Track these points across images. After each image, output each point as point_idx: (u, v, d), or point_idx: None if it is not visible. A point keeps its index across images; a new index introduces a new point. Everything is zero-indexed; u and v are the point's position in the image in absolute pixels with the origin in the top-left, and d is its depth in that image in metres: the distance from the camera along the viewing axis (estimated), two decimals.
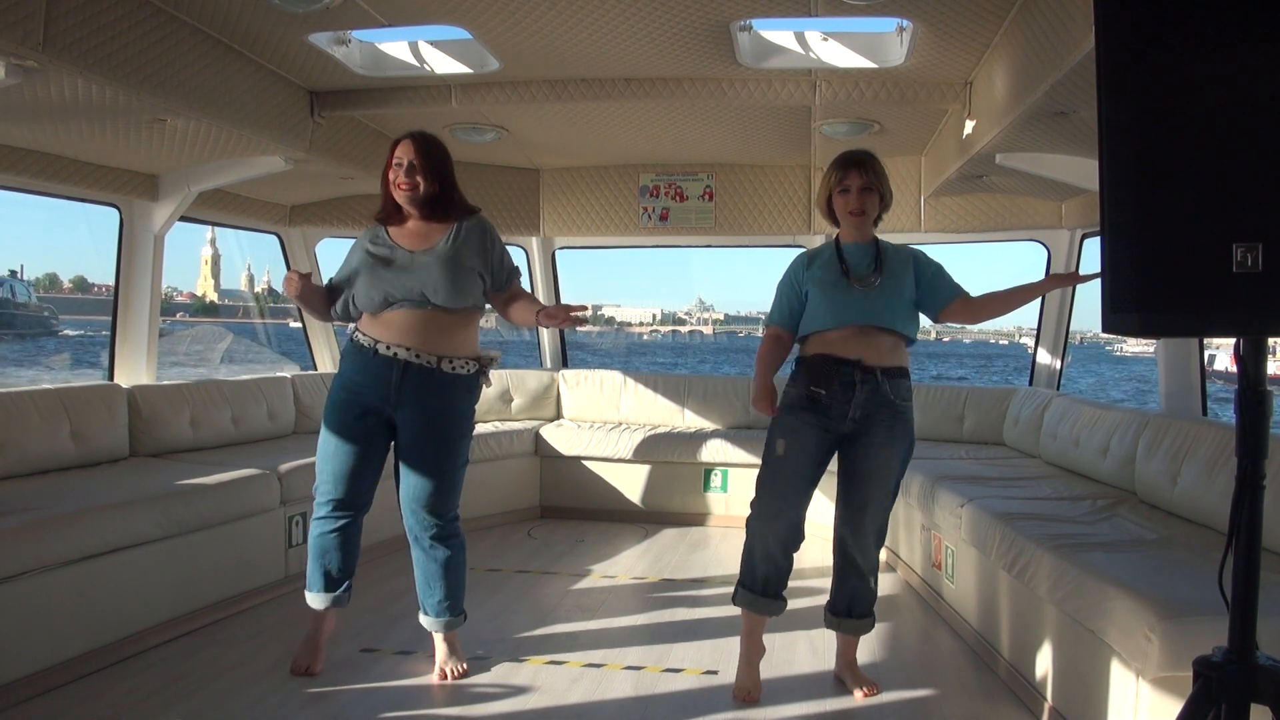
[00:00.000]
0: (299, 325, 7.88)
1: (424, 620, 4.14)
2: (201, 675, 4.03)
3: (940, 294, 3.87)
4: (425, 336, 3.86)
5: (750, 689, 3.91)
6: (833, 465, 3.97)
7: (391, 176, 3.95)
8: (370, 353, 3.89)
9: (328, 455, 3.99)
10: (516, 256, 7.75)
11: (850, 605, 4.02)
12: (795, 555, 3.87)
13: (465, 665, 4.14)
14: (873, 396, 3.75)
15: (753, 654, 3.98)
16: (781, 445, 3.84)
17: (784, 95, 5.12)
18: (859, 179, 3.85)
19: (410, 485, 3.98)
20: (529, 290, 4.21)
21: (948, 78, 4.92)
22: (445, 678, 4.06)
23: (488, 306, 4.09)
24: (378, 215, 4.07)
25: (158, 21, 4.04)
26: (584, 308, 3.81)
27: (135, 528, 4.25)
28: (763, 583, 3.88)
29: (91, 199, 5.72)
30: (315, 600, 4.10)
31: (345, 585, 4.12)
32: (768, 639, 4.51)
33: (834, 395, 3.76)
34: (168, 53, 4.12)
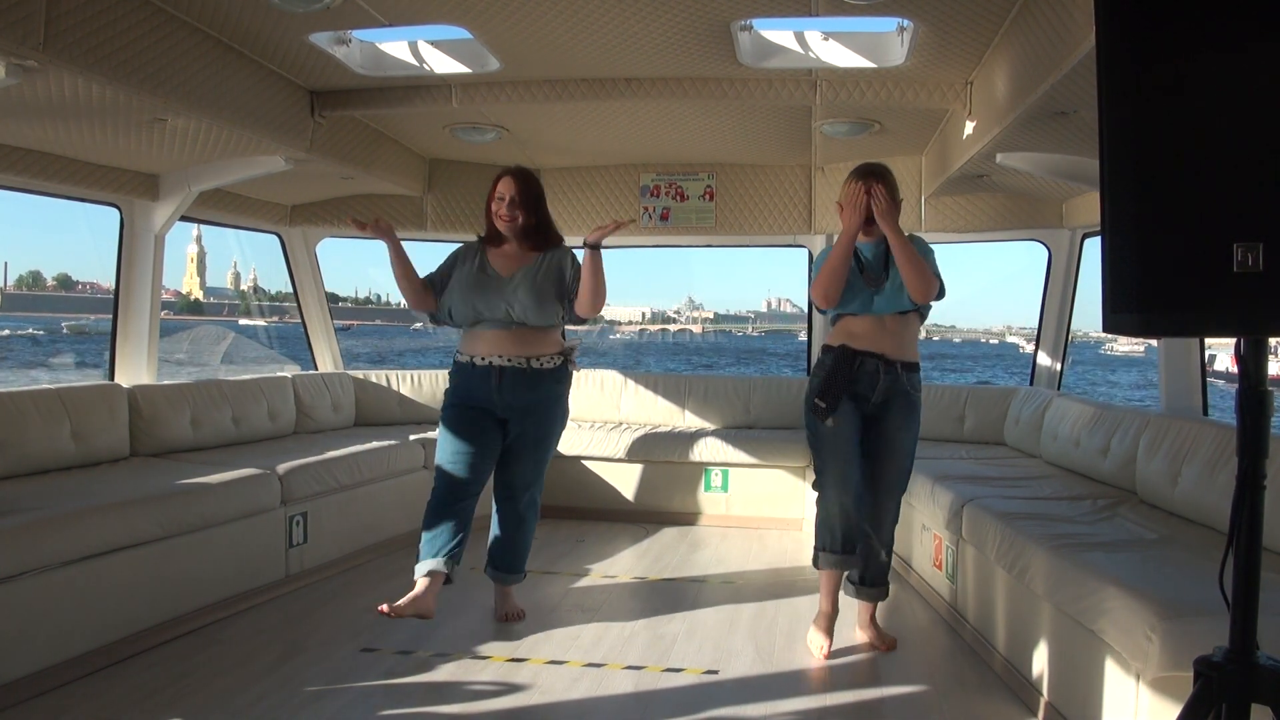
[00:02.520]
0: (297, 323, 7.88)
1: (489, 572, 4.87)
2: (202, 675, 4.03)
3: None
4: (513, 346, 4.53)
5: (825, 644, 4.40)
6: None
7: (494, 208, 4.57)
8: (469, 367, 4.56)
9: (446, 448, 4.56)
10: None
11: (863, 574, 4.52)
12: (797, 551, 3.97)
13: (522, 611, 4.91)
14: (893, 385, 4.32)
15: (831, 612, 4.49)
16: (831, 420, 4.29)
17: (784, 95, 5.12)
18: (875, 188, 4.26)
19: (510, 459, 4.67)
20: None
21: (948, 77, 4.92)
22: (506, 619, 4.82)
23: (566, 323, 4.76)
24: (482, 235, 4.70)
25: (158, 21, 4.04)
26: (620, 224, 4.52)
27: (136, 527, 4.25)
28: (843, 540, 4.36)
29: (92, 199, 5.72)
30: (422, 567, 4.45)
31: (452, 557, 4.51)
32: (767, 636, 4.54)
33: (861, 385, 4.31)
34: (168, 52, 4.12)
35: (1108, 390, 43.73)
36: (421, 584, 4.38)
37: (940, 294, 4.32)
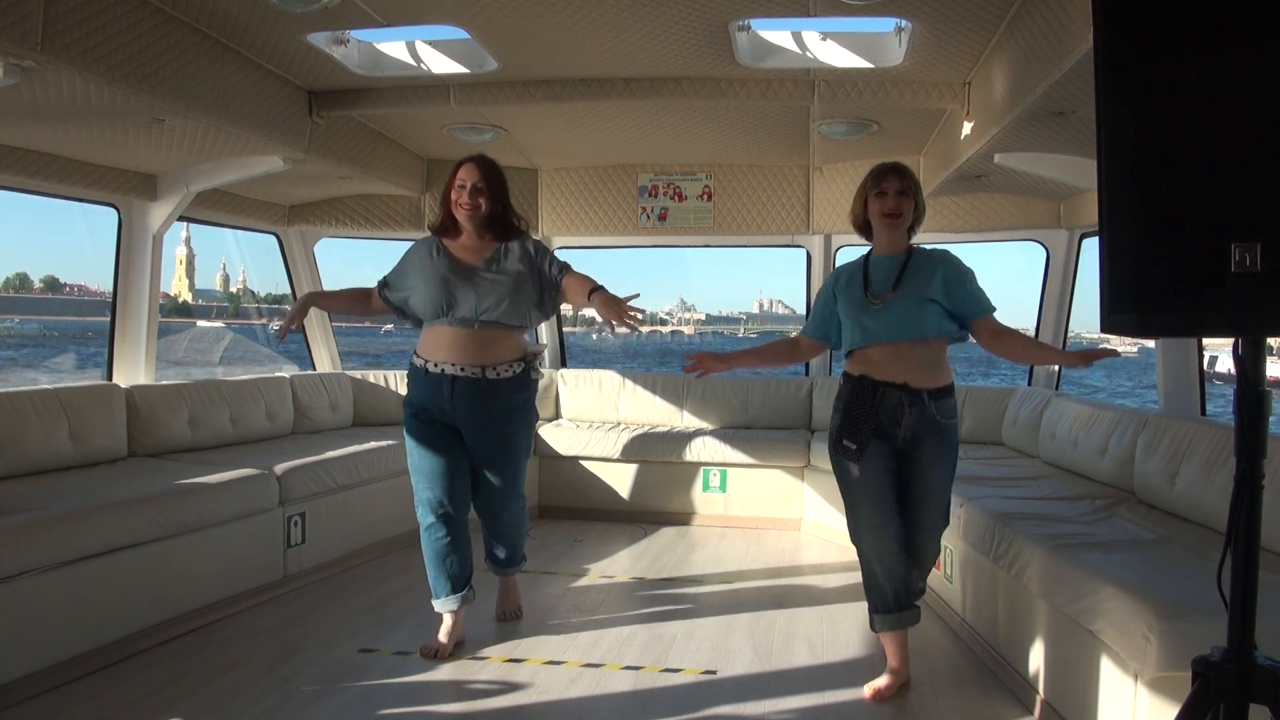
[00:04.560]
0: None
1: (489, 566, 4.78)
2: (201, 675, 4.03)
3: (964, 311, 3.86)
4: (468, 352, 4.23)
5: (879, 685, 3.97)
6: None
7: (455, 196, 4.28)
8: (423, 373, 4.30)
9: (417, 467, 4.33)
10: None
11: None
12: (796, 552, 3.87)
13: (521, 610, 4.87)
14: (920, 418, 3.81)
15: (902, 670, 4.01)
16: (855, 468, 3.84)
17: (783, 95, 5.12)
18: (897, 183, 3.89)
19: (477, 477, 4.41)
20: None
21: (946, 78, 4.92)
22: (504, 618, 4.79)
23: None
24: (434, 227, 4.42)
25: (156, 21, 4.03)
26: (640, 313, 4.18)
27: (134, 528, 4.25)
28: (895, 598, 3.92)
29: (90, 199, 5.72)
30: (445, 604, 4.39)
31: (468, 583, 4.43)
32: (765, 636, 4.53)
33: (884, 421, 3.82)
34: (166, 52, 4.12)
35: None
36: (448, 619, 4.40)
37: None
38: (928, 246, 3.98)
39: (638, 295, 4.04)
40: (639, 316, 4.06)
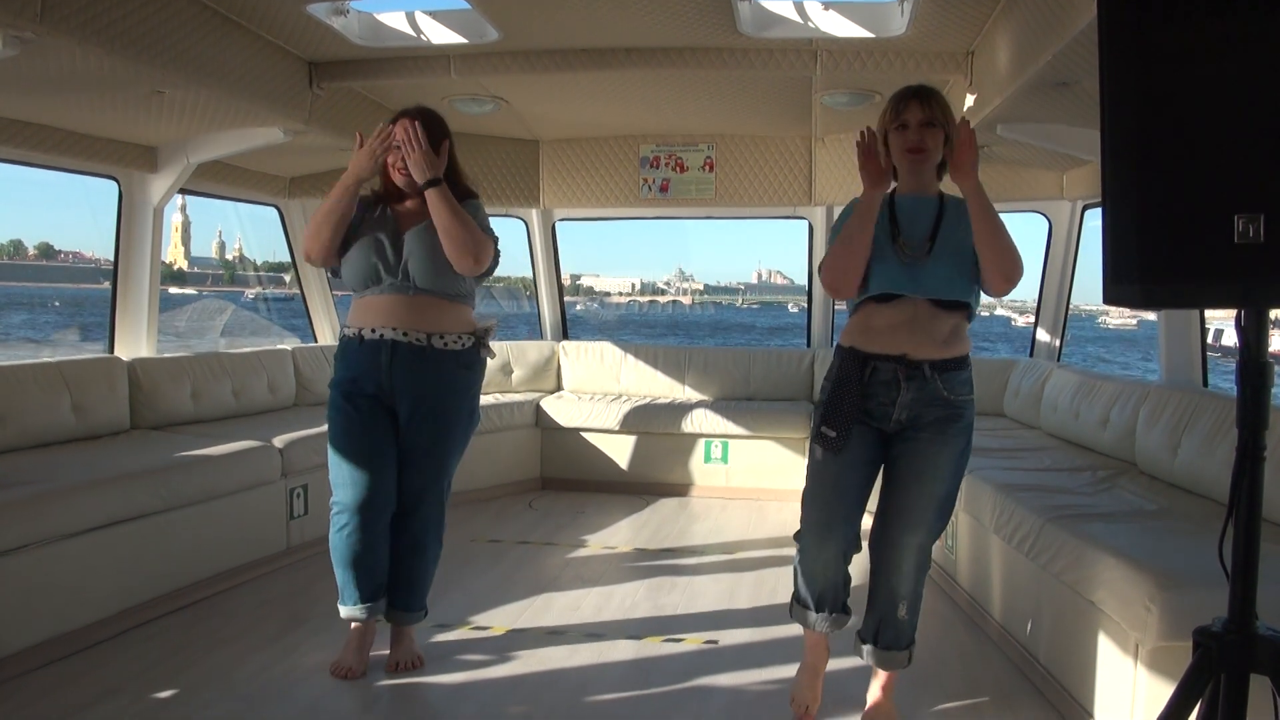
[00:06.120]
0: (296, 293, 7.85)
1: (385, 613, 3.88)
2: (204, 646, 4.05)
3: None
4: (411, 317, 3.65)
5: (808, 704, 3.45)
6: None
7: (390, 159, 3.71)
8: (357, 341, 3.69)
9: (339, 459, 3.71)
10: (516, 228, 7.76)
11: (876, 632, 3.35)
12: (796, 523, 3.50)
13: (421, 658, 3.91)
14: (920, 394, 3.13)
15: (815, 665, 3.48)
16: (819, 450, 3.22)
17: (785, 65, 5.09)
18: (920, 112, 3.19)
19: (403, 470, 3.77)
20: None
21: (949, 48, 4.89)
22: (397, 669, 3.82)
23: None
24: (369, 198, 3.83)
25: None
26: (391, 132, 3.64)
27: (136, 500, 4.26)
28: (818, 600, 3.33)
29: (90, 171, 5.69)
30: (354, 612, 3.80)
31: (383, 591, 3.83)
32: (767, 607, 4.54)
33: (874, 401, 3.17)
34: (166, 23, 4.09)
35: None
36: (356, 631, 3.86)
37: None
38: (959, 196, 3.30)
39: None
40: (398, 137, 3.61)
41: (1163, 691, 2.44)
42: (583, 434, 7.38)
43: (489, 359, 3.91)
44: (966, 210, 3.18)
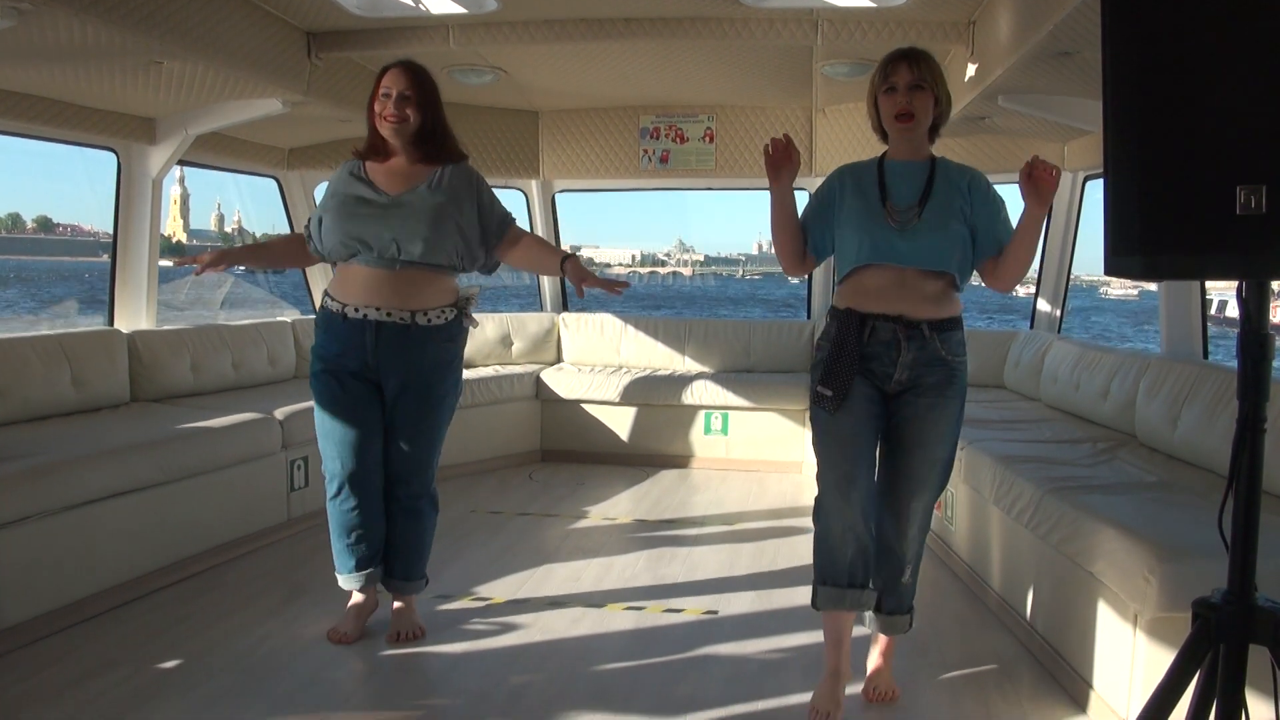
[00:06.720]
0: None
1: (382, 580, 3.93)
2: (205, 617, 4.07)
3: (984, 244, 3.18)
4: (395, 294, 3.62)
5: (831, 710, 3.24)
6: None
7: (378, 108, 3.63)
8: (340, 318, 3.65)
9: (328, 433, 3.74)
10: (515, 199, 7.72)
11: (880, 598, 3.34)
12: (797, 494, 3.63)
13: (422, 628, 3.94)
14: (921, 354, 3.11)
15: (840, 671, 3.31)
16: (821, 413, 3.18)
17: (785, 35, 5.06)
18: (908, 74, 3.14)
19: (390, 439, 3.79)
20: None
21: (950, 18, 4.86)
22: (398, 639, 3.85)
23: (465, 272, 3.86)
24: (357, 150, 3.77)
25: None
26: (626, 284, 3.68)
27: (137, 472, 4.27)
28: (849, 570, 3.19)
29: (88, 143, 5.66)
30: (350, 581, 3.86)
31: (378, 558, 3.87)
32: (766, 577, 4.55)
33: (875, 361, 3.14)
34: None
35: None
36: (356, 597, 3.93)
37: None
38: (956, 162, 3.34)
39: (628, 284, 3.73)
40: (627, 284, 3.66)
41: (1162, 662, 2.45)
42: (583, 406, 7.38)
43: (472, 327, 3.90)
44: (960, 175, 3.24)
